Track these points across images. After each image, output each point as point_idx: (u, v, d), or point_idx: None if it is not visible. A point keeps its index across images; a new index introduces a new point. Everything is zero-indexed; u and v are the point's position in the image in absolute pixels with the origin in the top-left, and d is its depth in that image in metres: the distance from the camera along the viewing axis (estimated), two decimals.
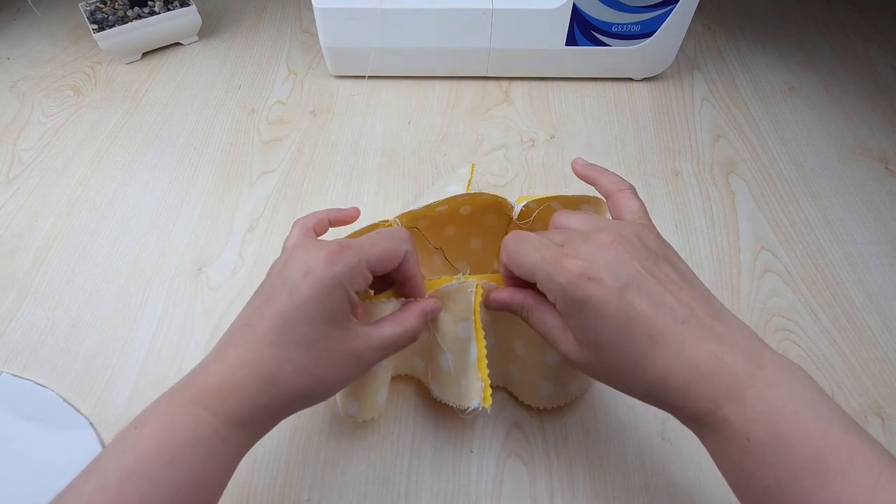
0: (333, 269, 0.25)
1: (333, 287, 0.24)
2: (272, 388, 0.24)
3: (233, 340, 0.25)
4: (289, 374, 0.24)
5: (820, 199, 0.47)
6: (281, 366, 0.24)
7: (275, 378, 0.24)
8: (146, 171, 0.49)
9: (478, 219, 0.38)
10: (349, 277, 0.25)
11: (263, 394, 0.24)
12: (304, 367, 0.24)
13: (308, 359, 0.24)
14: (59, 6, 0.66)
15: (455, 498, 0.32)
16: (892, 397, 0.36)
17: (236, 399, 0.23)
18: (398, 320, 0.27)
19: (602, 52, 0.54)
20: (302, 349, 0.24)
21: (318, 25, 0.52)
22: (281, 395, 0.24)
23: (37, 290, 0.41)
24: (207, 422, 0.23)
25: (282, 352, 0.24)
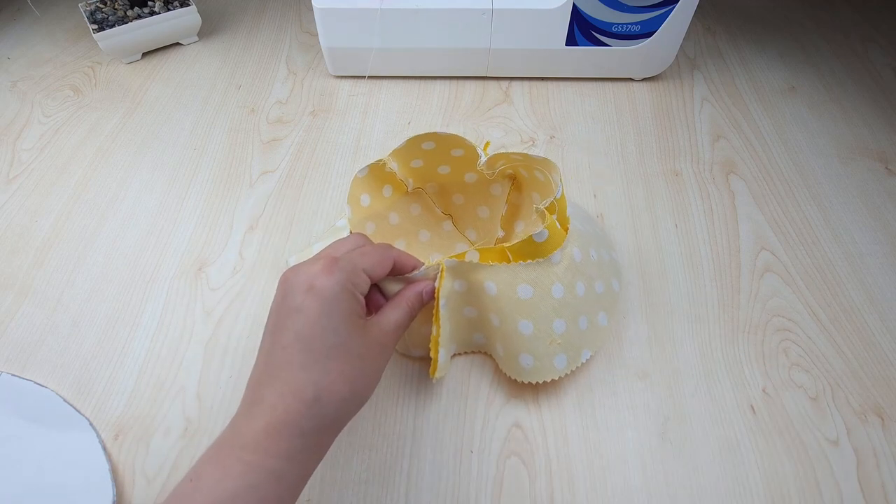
0: (333, 276, 0.26)
1: (339, 293, 0.26)
2: (318, 407, 0.24)
3: (262, 381, 0.25)
4: (329, 387, 0.25)
5: (820, 199, 0.47)
6: (319, 383, 0.24)
7: (318, 397, 0.24)
8: (146, 171, 0.49)
9: (484, 188, 0.40)
10: (351, 280, 0.26)
11: (311, 417, 0.24)
12: (341, 373, 0.25)
13: (341, 364, 0.25)
14: (59, 6, 0.66)
15: (455, 498, 0.32)
16: (892, 397, 0.36)
17: (285, 434, 0.24)
18: (398, 304, 0.30)
19: (602, 52, 0.54)
20: (333, 359, 0.25)
21: (318, 25, 0.52)
22: (329, 411, 0.25)
23: (37, 290, 0.41)
24: (258, 465, 0.23)
25: (315, 370, 0.25)
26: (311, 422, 0.24)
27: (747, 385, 0.37)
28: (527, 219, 0.39)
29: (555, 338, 0.33)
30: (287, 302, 0.26)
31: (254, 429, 0.24)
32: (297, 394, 0.24)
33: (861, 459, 0.34)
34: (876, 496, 0.32)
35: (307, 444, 0.24)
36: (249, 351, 0.38)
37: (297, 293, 0.25)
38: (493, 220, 0.41)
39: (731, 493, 0.32)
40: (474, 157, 0.37)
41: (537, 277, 0.32)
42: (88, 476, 0.32)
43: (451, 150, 0.37)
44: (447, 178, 0.40)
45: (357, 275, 0.27)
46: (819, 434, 0.35)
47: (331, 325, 0.25)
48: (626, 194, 0.47)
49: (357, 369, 0.26)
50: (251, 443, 0.23)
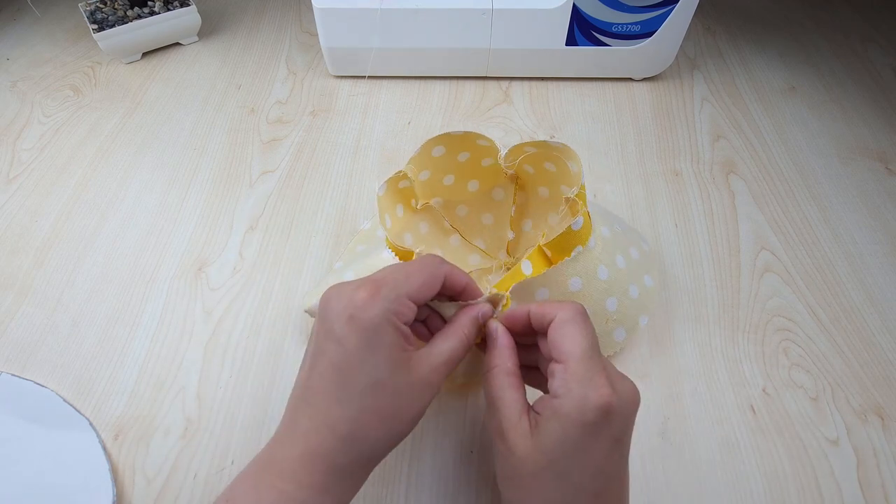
0: (375, 308, 0.24)
1: (381, 325, 0.24)
2: (351, 445, 0.23)
3: (299, 408, 0.25)
4: (365, 426, 0.23)
5: (820, 199, 0.47)
6: (354, 420, 0.23)
7: (352, 435, 0.23)
8: (146, 171, 0.49)
9: (486, 196, 0.39)
10: (394, 311, 0.24)
11: (344, 453, 0.23)
12: (378, 412, 0.24)
13: (379, 403, 0.24)
14: (59, 6, 0.66)
15: (455, 498, 0.32)
16: (892, 397, 0.36)
17: (319, 467, 0.23)
18: (451, 333, 0.27)
19: (602, 52, 0.54)
20: (370, 396, 0.23)
21: (318, 25, 0.52)
22: (363, 449, 0.24)
23: (37, 290, 0.41)
24: (292, 495, 0.23)
25: (351, 407, 0.23)
26: (344, 458, 0.23)
27: (747, 385, 0.37)
28: (534, 216, 0.39)
29: (609, 316, 0.33)
30: (325, 328, 0.24)
31: (289, 456, 0.23)
32: (331, 428, 0.23)
33: (861, 459, 0.34)
34: (876, 496, 0.32)
35: (341, 478, 0.24)
36: (249, 351, 0.38)
37: (336, 321, 0.24)
38: (498, 224, 0.41)
39: (731, 493, 0.32)
40: (479, 160, 0.37)
41: (583, 268, 0.32)
42: (88, 476, 0.32)
43: (458, 155, 0.37)
44: (451, 189, 0.39)
45: (401, 303, 0.24)
46: (819, 434, 0.35)
47: (370, 360, 0.23)
48: (626, 194, 0.47)
49: (396, 409, 0.24)
50: (287, 470, 0.23)
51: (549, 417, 0.23)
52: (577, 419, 0.22)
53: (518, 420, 0.24)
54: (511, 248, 0.41)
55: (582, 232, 0.31)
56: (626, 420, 0.24)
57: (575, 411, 0.22)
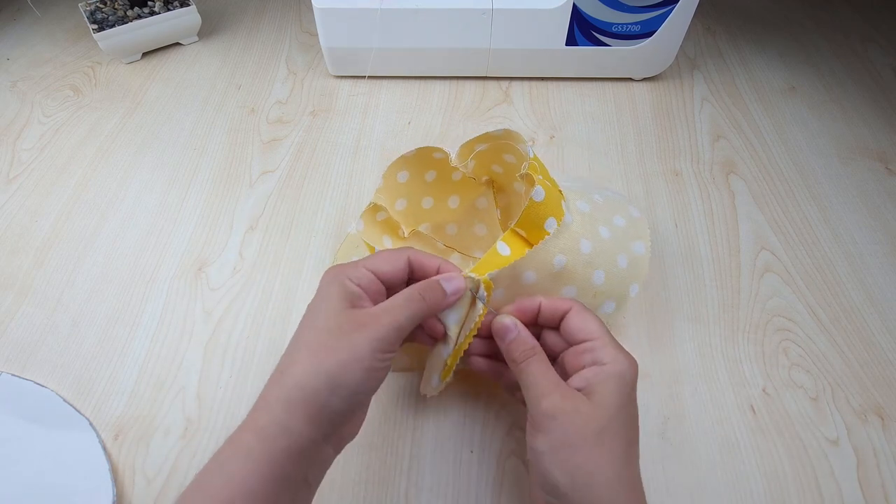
0: (330, 273, 0.28)
1: (331, 283, 0.27)
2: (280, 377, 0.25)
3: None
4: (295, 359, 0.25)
5: (820, 199, 0.47)
6: (287, 356, 0.26)
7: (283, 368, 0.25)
8: (146, 171, 0.49)
9: (470, 207, 0.39)
10: (345, 272, 0.28)
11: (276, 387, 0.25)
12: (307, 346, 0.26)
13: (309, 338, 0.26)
14: (59, 6, 0.66)
15: (455, 498, 0.32)
16: (892, 397, 0.36)
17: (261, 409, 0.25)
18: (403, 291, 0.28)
19: (602, 52, 0.54)
20: (305, 331, 0.26)
21: (318, 25, 0.52)
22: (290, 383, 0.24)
23: (37, 290, 0.41)
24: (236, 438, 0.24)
25: (290, 346, 0.26)
26: (275, 392, 0.25)
27: (747, 385, 0.37)
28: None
29: (598, 289, 0.33)
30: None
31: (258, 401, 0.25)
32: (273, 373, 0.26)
33: (861, 459, 0.34)
34: (876, 496, 0.32)
35: (273, 419, 0.24)
36: (249, 351, 0.38)
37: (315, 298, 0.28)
38: (491, 232, 0.41)
39: (731, 493, 0.32)
40: (448, 176, 0.37)
41: (565, 244, 0.31)
42: (88, 476, 0.32)
43: (425, 175, 0.37)
44: (433, 211, 0.39)
45: (354, 269, 0.28)
46: (819, 434, 0.35)
47: (312, 309, 0.27)
48: (626, 194, 0.47)
49: (322, 344, 0.25)
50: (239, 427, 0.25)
51: (604, 380, 0.26)
52: (629, 379, 0.27)
53: (573, 393, 0.26)
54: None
55: (548, 202, 0.31)
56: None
57: (625, 372, 0.26)
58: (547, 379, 0.27)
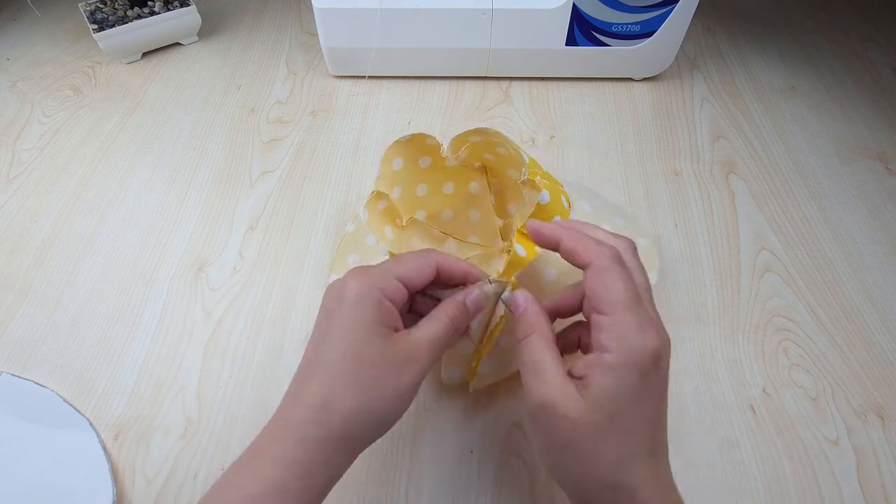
0: (360, 282, 0.25)
1: (363, 298, 0.24)
2: (323, 415, 0.23)
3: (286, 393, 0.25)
4: (339, 395, 0.23)
5: (820, 199, 0.47)
6: (327, 387, 0.23)
7: (324, 403, 0.23)
8: (146, 171, 0.49)
9: (464, 192, 0.40)
10: (379, 287, 0.25)
11: (314, 424, 0.23)
12: (352, 382, 0.23)
13: (353, 372, 0.23)
14: (59, 6, 0.66)
15: (455, 498, 0.32)
16: (892, 397, 0.36)
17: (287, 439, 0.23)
18: (436, 314, 0.26)
19: (602, 52, 0.54)
20: (344, 364, 0.23)
21: (318, 25, 0.52)
22: (335, 421, 0.23)
23: (37, 290, 0.41)
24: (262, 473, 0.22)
25: (324, 373, 0.23)
26: (316, 430, 0.23)
27: (747, 385, 0.37)
28: (515, 198, 0.39)
29: None
30: (321, 310, 0.26)
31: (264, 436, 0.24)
32: (305, 398, 0.23)
33: (861, 459, 0.34)
34: (876, 496, 0.32)
35: (309, 457, 0.23)
36: (249, 351, 0.38)
37: (329, 301, 0.25)
38: (485, 216, 0.41)
39: (731, 493, 0.32)
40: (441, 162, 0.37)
41: None
42: (88, 476, 0.32)
43: (419, 162, 0.37)
44: (428, 199, 0.39)
45: (387, 281, 0.25)
46: (819, 434, 0.35)
47: (348, 330, 0.24)
48: (626, 194, 0.47)
49: (370, 379, 0.23)
50: (259, 448, 0.23)
51: (602, 373, 0.22)
52: (632, 370, 0.22)
53: (564, 383, 0.23)
54: (504, 234, 0.41)
55: (553, 204, 0.31)
56: (667, 368, 0.24)
57: (629, 362, 0.22)
58: (542, 364, 0.24)
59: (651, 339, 0.22)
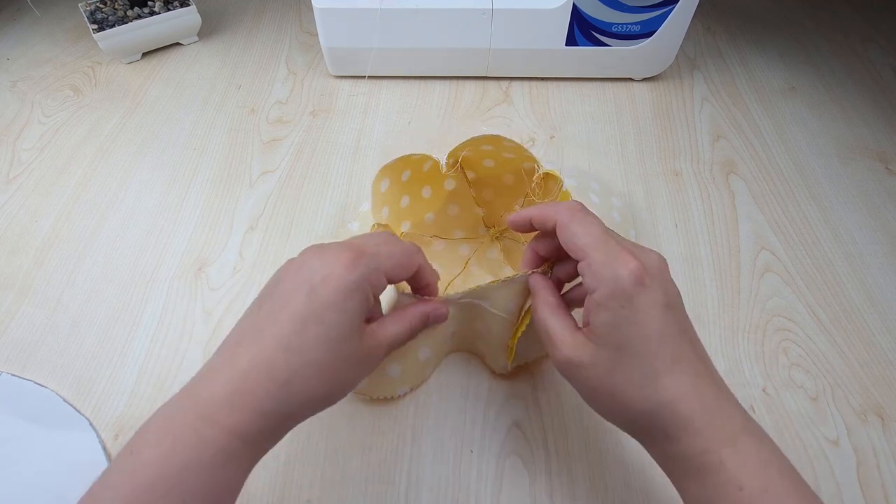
0: (354, 273, 0.24)
1: (354, 291, 0.24)
2: (285, 393, 0.23)
3: (241, 344, 0.24)
4: (305, 378, 0.23)
5: (820, 199, 0.47)
6: (297, 370, 0.23)
7: (289, 382, 0.23)
8: (146, 171, 0.49)
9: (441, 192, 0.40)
10: (369, 282, 0.25)
11: (275, 400, 0.23)
12: (321, 369, 0.24)
13: (325, 361, 0.24)
14: (59, 6, 0.66)
15: (455, 498, 0.32)
16: (892, 397, 0.36)
17: (245, 408, 0.22)
18: (402, 319, 0.28)
19: (602, 52, 0.54)
20: (320, 352, 0.23)
21: (318, 25, 0.52)
22: (294, 401, 0.23)
23: (37, 290, 0.41)
24: (212, 440, 0.22)
25: (298, 355, 0.23)
26: (273, 404, 0.23)
27: (747, 385, 0.37)
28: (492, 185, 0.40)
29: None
30: (299, 279, 0.24)
31: (214, 394, 0.22)
32: (270, 371, 0.23)
33: (861, 459, 0.34)
34: (876, 496, 0.32)
35: (263, 427, 0.23)
36: None
37: (313, 274, 0.24)
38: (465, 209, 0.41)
39: None
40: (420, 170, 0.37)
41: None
42: (89, 476, 0.32)
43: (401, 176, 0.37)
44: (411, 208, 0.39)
45: (377, 275, 0.25)
46: (819, 434, 0.35)
47: (332, 319, 0.23)
48: (626, 194, 0.47)
49: (338, 372, 0.24)
50: (208, 413, 0.22)
51: (595, 312, 0.24)
52: (617, 298, 0.23)
53: (573, 337, 0.25)
54: (487, 221, 0.42)
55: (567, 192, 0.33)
56: (663, 284, 0.24)
57: (613, 292, 0.23)
58: (556, 329, 0.26)
59: (623, 264, 0.24)
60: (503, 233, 0.42)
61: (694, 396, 0.23)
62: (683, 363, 0.23)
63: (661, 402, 0.23)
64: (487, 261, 0.41)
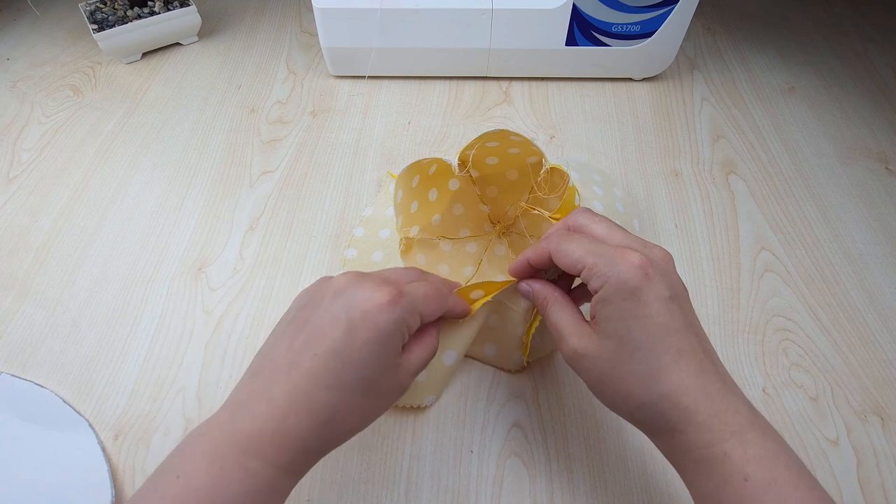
0: (394, 314, 0.24)
1: (393, 332, 0.25)
2: (327, 430, 0.24)
3: (276, 379, 0.24)
4: (345, 416, 0.24)
5: (820, 199, 0.47)
6: (338, 409, 0.24)
7: (331, 421, 0.24)
8: (146, 171, 0.49)
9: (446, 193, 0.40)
10: (407, 321, 0.25)
11: (317, 437, 0.24)
12: (361, 407, 0.25)
13: (364, 400, 0.25)
14: (59, 6, 0.66)
15: (455, 498, 0.32)
16: (892, 397, 0.36)
17: (290, 447, 0.23)
18: (426, 344, 0.28)
19: (602, 52, 0.54)
20: (359, 392, 0.24)
21: (318, 25, 0.52)
22: (334, 436, 0.25)
23: (37, 290, 0.41)
24: (259, 473, 0.22)
25: (338, 394, 0.24)
26: (316, 442, 0.24)
27: (747, 385, 0.37)
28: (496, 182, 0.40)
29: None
30: (336, 308, 0.24)
31: (259, 431, 0.23)
32: (312, 410, 0.23)
33: (861, 459, 0.34)
34: (876, 496, 0.32)
35: (307, 461, 0.24)
36: (249, 351, 0.38)
37: (353, 309, 0.24)
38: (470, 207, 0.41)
39: None
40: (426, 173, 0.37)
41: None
42: (88, 477, 0.32)
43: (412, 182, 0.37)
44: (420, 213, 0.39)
45: (413, 317, 0.26)
46: (819, 434, 0.35)
47: (372, 358, 0.24)
48: (627, 194, 0.47)
49: (374, 407, 0.26)
50: (254, 448, 0.22)
51: (601, 307, 0.25)
52: (620, 292, 0.24)
53: (580, 330, 0.26)
54: (493, 217, 0.42)
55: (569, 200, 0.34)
56: (668, 277, 0.25)
57: (615, 288, 0.24)
58: (564, 322, 0.27)
59: (624, 260, 0.25)
60: (509, 228, 0.42)
61: (698, 389, 0.23)
62: (688, 356, 0.24)
63: (663, 394, 0.23)
64: (497, 258, 0.41)
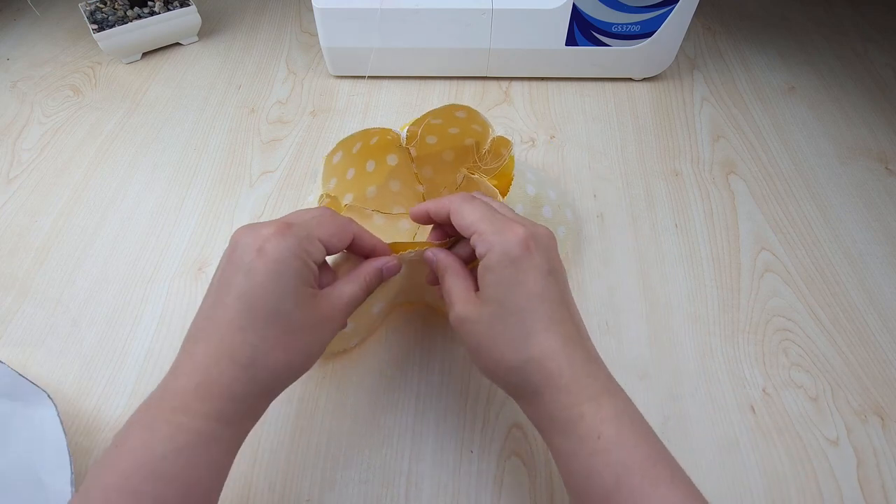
0: (285, 241, 0.25)
1: (289, 258, 0.24)
2: (252, 372, 0.24)
3: (199, 337, 0.24)
4: (266, 353, 0.24)
5: (820, 199, 0.47)
6: (256, 347, 0.24)
7: (252, 361, 0.24)
8: (146, 171, 0.49)
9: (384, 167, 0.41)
10: (304, 246, 0.25)
11: (243, 381, 0.23)
12: (280, 341, 0.24)
13: (282, 332, 0.24)
14: (59, 6, 0.66)
15: (455, 498, 0.32)
16: (892, 397, 0.36)
17: (216, 395, 0.23)
18: (356, 278, 0.28)
19: (602, 52, 0.54)
20: (273, 324, 0.24)
21: (318, 25, 0.52)
22: (262, 377, 0.24)
23: (37, 290, 0.41)
24: (188, 427, 0.22)
25: (253, 333, 0.24)
26: (243, 386, 0.23)
27: (747, 385, 0.37)
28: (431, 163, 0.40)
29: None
30: (234, 260, 0.25)
31: (183, 387, 0.23)
32: (231, 356, 0.23)
33: (861, 459, 0.34)
34: (876, 496, 0.32)
35: (239, 409, 0.24)
36: None
37: (246, 253, 0.24)
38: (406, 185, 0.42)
39: (731, 493, 0.32)
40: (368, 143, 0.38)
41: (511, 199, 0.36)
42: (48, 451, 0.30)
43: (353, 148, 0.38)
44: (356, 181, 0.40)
45: (311, 242, 0.26)
46: (819, 434, 0.35)
47: (277, 290, 0.24)
48: (626, 194, 0.47)
49: (298, 340, 0.25)
50: (180, 404, 0.23)
51: (483, 274, 0.26)
52: (503, 261, 0.26)
53: (467, 297, 0.27)
54: (427, 197, 0.42)
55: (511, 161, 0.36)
56: (548, 252, 0.27)
57: (498, 256, 0.26)
58: (455, 290, 0.28)
59: (510, 231, 0.26)
60: None
61: (562, 356, 0.25)
62: (558, 325, 0.25)
63: (531, 357, 0.25)
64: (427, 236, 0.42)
